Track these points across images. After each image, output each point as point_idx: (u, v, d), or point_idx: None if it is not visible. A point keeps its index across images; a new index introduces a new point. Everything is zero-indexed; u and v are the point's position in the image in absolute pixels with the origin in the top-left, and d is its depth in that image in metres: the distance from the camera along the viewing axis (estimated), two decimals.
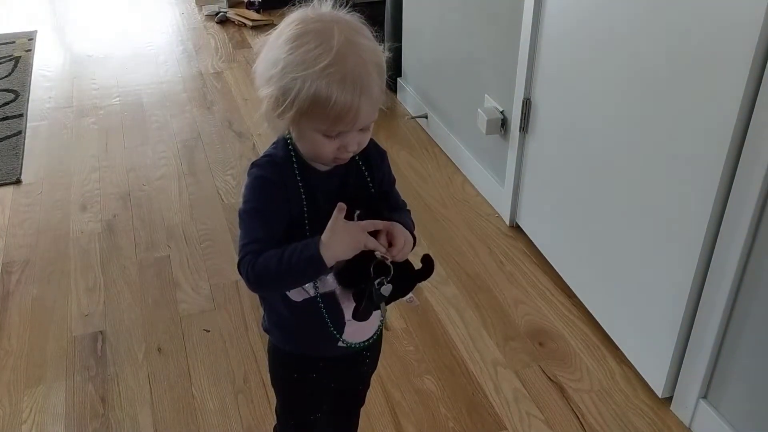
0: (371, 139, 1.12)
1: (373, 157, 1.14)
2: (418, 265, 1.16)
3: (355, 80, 0.95)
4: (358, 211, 1.06)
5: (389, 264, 1.05)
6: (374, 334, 1.23)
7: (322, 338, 1.16)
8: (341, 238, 1.01)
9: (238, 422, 1.73)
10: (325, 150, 1.02)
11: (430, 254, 1.18)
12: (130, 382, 1.84)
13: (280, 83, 0.97)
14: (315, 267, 1.02)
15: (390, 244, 1.05)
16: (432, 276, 1.20)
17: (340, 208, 1.02)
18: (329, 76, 0.94)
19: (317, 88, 0.95)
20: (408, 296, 1.16)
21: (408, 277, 1.13)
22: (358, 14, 1.03)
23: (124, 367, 1.89)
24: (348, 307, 1.14)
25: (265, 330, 1.26)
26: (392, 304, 1.15)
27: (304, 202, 1.06)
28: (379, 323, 1.23)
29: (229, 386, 1.83)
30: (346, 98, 0.95)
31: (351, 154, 1.04)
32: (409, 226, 1.14)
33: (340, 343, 1.18)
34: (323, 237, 1.02)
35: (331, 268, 1.05)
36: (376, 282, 1.06)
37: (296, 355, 1.23)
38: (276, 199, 1.06)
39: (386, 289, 1.07)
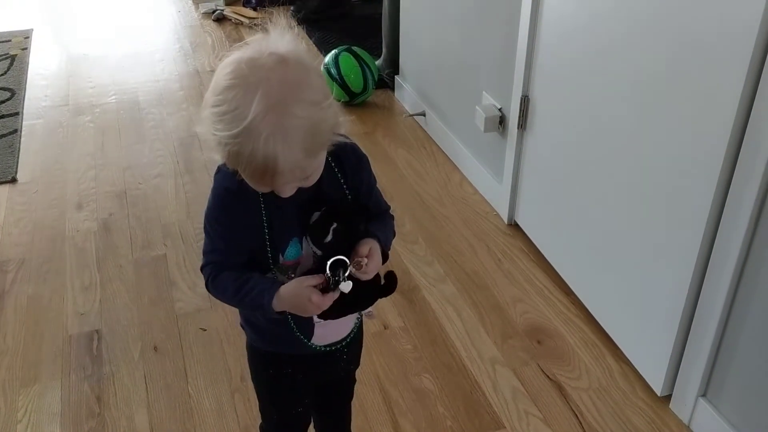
0: (351, 144, 1.09)
1: (349, 161, 1.10)
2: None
3: (267, 150, 0.89)
4: (334, 225, 1.04)
5: (345, 259, 1.03)
6: (348, 336, 1.22)
7: (291, 340, 1.16)
8: (297, 302, 1.04)
9: (235, 421, 1.72)
10: (260, 189, 1.00)
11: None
12: (126, 382, 1.83)
13: (205, 129, 0.94)
14: (263, 312, 1.07)
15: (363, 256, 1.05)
16: (429, 275, 1.19)
17: (319, 278, 1.02)
18: (240, 142, 0.89)
19: (229, 150, 0.91)
20: (368, 310, 1.16)
21: (371, 292, 1.12)
22: (311, 52, 0.97)
23: (120, 367, 1.88)
24: None
25: (241, 326, 1.26)
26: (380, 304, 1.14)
27: (264, 213, 1.05)
28: (355, 323, 1.23)
29: (225, 385, 1.82)
30: (257, 165, 0.91)
31: (292, 193, 1.00)
32: (388, 239, 1.13)
33: (310, 345, 1.18)
34: (282, 291, 1.04)
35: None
36: (334, 277, 1.03)
37: (270, 352, 1.23)
38: (236, 210, 1.05)
39: (345, 286, 1.03)
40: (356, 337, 1.26)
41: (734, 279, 1.48)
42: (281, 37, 0.94)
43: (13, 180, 2.70)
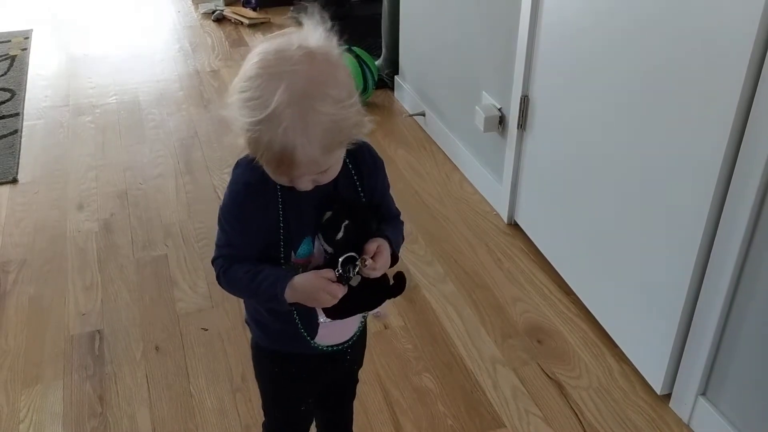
0: (368, 146, 1.11)
1: (366, 164, 1.11)
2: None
3: (286, 141, 0.90)
4: (346, 222, 1.05)
5: (355, 255, 1.05)
6: (350, 338, 1.23)
7: (296, 338, 1.17)
8: (311, 294, 1.04)
9: (237, 420, 1.73)
10: (277, 179, 1.01)
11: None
12: (128, 381, 1.84)
13: (230, 114, 0.95)
14: (276, 303, 1.07)
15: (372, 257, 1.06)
16: (429, 274, 1.19)
17: (333, 272, 1.03)
18: (260, 130, 0.91)
19: (249, 137, 0.93)
20: (376, 310, 1.16)
21: (379, 292, 1.13)
22: (343, 48, 0.97)
23: (121, 366, 1.88)
24: (320, 310, 1.14)
25: (246, 323, 1.26)
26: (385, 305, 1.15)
27: (281, 209, 1.06)
28: (359, 326, 1.23)
29: (227, 385, 1.82)
30: (274, 153, 0.92)
31: (309, 188, 1.00)
32: (398, 241, 1.14)
33: (312, 344, 1.18)
34: (296, 281, 1.04)
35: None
36: (345, 273, 1.05)
37: (275, 351, 1.23)
38: (253, 204, 1.06)
39: (354, 279, 1.06)
40: (360, 338, 1.26)
41: (734, 278, 1.49)
42: (313, 31, 0.96)
43: (14, 180, 2.70)
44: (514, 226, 2.39)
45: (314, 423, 1.45)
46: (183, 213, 2.50)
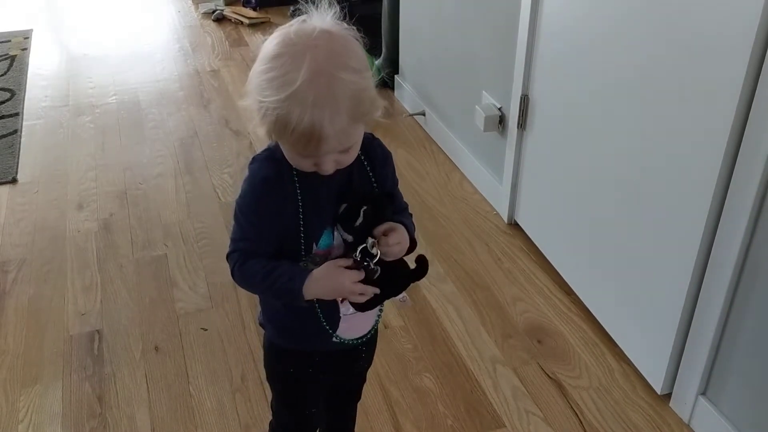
0: (378, 140, 1.14)
1: (378, 157, 1.14)
2: (413, 265, 1.17)
3: (315, 113, 0.92)
4: (364, 207, 1.06)
5: (374, 249, 1.06)
6: (369, 331, 1.23)
7: (316, 333, 1.16)
8: (329, 284, 1.06)
9: (236, 421, 1.73)
10: (301, 165, 1.02)
11: (425, 255, 1.19)
12: (127, 381, 1.84)
13: (251, 100, 0.98)
14: (293, 298, 1.08)
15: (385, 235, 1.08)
16: (429, 274, 1.20)
17: (349, 260, 1.05)
18: (288, 106, 0.93)
19: (278, 115, 0.94)
20: (401, 296, 1.16)
21: (402, 276, 1.13)
22: (354, 29, 1.01)
23: (121, 366, 1.88)
24: (344, 302, 1.15)
25: (261, 324, 1.26)
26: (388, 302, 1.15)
27: (300, 202, 1.06)
28: (376, 319, 1.23)
29: (226, 385, 1.82)
30: (304, 129, 0.93)
31: (332, 171, 1.02)
32: (411, 231, 1.15)
33: (333, 339, 1.18)
34: (315, 273, 1.06)
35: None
36: (363, 261, 1.06)
37: (291, 350, 1.23)
38: (271, 198, 1.06)
39: (373, 272, 1.07)
40: (374, 335, 1.27)
41: (734, 278, 1.49)
42: (324, 16, 1.00)
43: (14, 180, 2.70)
44: (514, 225, 2.39)
45: None
46: (183, 213, 2.50)
